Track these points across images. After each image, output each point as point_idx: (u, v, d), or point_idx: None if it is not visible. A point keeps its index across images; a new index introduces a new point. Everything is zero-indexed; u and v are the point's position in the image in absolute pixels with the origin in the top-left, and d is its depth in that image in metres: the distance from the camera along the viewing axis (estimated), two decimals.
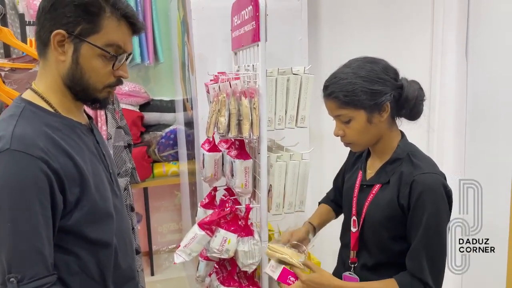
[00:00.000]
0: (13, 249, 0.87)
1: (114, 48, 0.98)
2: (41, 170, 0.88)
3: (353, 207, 1.30)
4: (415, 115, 1.24)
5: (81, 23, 0.94)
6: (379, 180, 1.24)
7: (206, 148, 1.87)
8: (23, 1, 2.76)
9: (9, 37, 2.08)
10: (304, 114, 1.73)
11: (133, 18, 1.00)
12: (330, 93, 1.19)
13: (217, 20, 2.09)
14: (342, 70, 1.22)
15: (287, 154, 1.73)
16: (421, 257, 1.14)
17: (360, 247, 1.28)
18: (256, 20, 1.57)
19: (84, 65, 0.97)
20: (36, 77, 1.03)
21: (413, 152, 1.23)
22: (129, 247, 1.14)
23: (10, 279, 0.86)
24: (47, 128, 0.95)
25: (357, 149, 1.28)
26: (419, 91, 1.21)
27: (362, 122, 1.19)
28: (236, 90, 1.62)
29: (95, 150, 1.08)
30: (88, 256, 1.00)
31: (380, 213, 1.21)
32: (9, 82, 1.93)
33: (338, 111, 1.20)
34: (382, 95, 1.17)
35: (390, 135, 1.25)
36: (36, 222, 0.88)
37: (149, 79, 3.36)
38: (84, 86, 0.99)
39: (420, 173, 1.16)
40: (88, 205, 0.98)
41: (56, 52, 0.96)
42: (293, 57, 2.16)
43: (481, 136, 2.23)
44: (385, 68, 1.20)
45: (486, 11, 2.16)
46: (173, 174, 3.30)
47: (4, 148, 0.87)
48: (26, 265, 0.87)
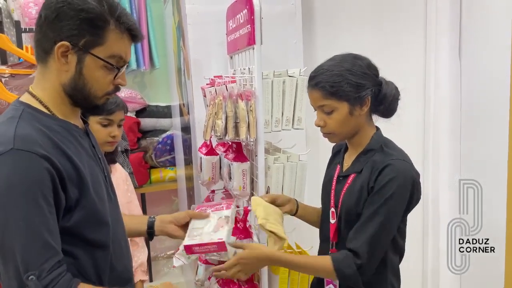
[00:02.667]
0: (28, 247, 0.88)
1: (116, 59, 1.01)
2: (45, 168, 0.90)
3: (331, 199, 1.34)
4: (390, 112, 1.31)
5: (86, 35, 0.96)
6: (354, 169, 1.30)
7: (203, 151, 1.88)
8: (18, 9, 2.77)
9: (7, 44, 2.10)
10: (300, 115, 1.74)
11: (136, 30, 1.03)
12: (317, 83, 1.24)
13: (212, 24, 2.11)
14: (329, 63, 1.27)
15: (284, 156, 1.74)
16: (362, 233, 1.19)
17: (339, 237, 1.32)
18: (251, 24, 1.59)
19: (87, 76, 0.99)
20: (34, 82, 1.04)
21: (386, 143, 1.30)
22: (125, 249, 1.15)
23: (29, 277, 0.88)
24: (46, 129, 0.96)
25: (334, 140, 1.33)
26: (396, 90, 1.29)
27: (344, 114, 1.24)
28: (233, 93, 1.63)
29: (92, 153, 1.09)
30: (85, 257, 1.00)
31: (352, 200, 1.26)
32: (9, 88, 1.94)
33: (322, 101, 1.25)
34: (365, 89, 1.24)
35: (367, 128, 1.31)
36: (45, 218, 0.90)
37: (145, 84, 3.37)
38: (85, 94, 1.01)
39: (391, 159, 1.22)
40: (87, 206, 0.99)
41: (59, 62, 0.97)
42: (288, 60, 2.17)
43: (476, 136, 2.25)
44: (368, 65, 1.27)
45: (478, 11, 2.19)
46: (170, 179, 3.30)
47: (8, 148, 0.88)
48: (42, 260, 0.89)
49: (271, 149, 1.84)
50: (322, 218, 1.43)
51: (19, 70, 2.04)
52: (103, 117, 1.67)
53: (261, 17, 1.58)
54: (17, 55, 2.25)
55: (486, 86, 2.17)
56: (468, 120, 2.30)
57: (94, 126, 1.67)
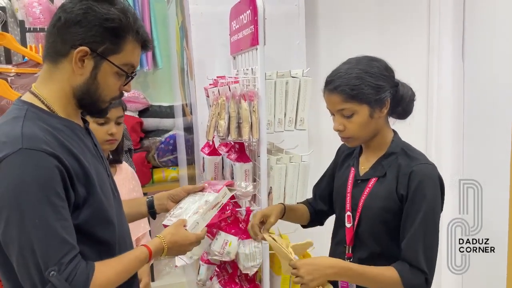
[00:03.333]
0: (46, 244, 0.89)
1: (128, 67, 1.04)
2: (55, 166, 0.91)
3: (347, 203, 1.31)
4: (407, 113, 1.30)
5: (106, 43, 0.98)
6: (375, 173, 1.27)
7: (206, 152, 1.88)
8: (22, 9, 2.78)
9: (12, 43, 2.11)
10: (303, 116, 1.74)
11: (150, 42, 1.08)
12: (336, 87, 1.21)
13: (215, 25, 2.11)
14: (346, 66, 1.25)
15: (286, 156, 1.74)
16: (418, 246, 1.17)
17: (355, 241, 1.30)
18: (254, 24, 1.59)
19: (101, 81, 1.01)
20: (38, 81, 1.04)
21: (407, 146, 1.28)
22: (129, 246, 1.16)
23: (51, 273, 0.89)
24: (51, 129, 0.96)
25: (354, 144, 1.30)
26: (411, 91, 1.28)
27: (364, 117, 1.22)
28: (236, 94, 1.64)
29: (94, 151, 1.09)
30: (92, 255, 1.01)
31: (378, 205, 1.24)
32: (15, 87, 1.94)
33: (342, 105, 1.22)
34: (384, 91, 1.22)
35: (385, 131, 1.29)
36: (60, 215, 0.91)
37: (148, 85, 3.38)
38: (95, 99, 1.03)
39: (418, 163, 1.21)
40: (94, 204, 0.99)
41: (75, 66, 0.99)
42: (291, 61, 2.17)
43: (478, 137, 2.25)
44: (386, 66, 1.25)
45: (481, 13, 2.19)
46: (173, 179, 3.30)
47: (16, 148, 0.89)
48: (60, 255, 0.90)
49: (273, 149, 1.85)
50: (336, 221, 1.40)
51: (24, 69, 2.05)
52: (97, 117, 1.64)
53: (265, 17, 1.59)
54: (22, 54, 2.26)
55: (489, 88, 2.17)
56: (470, 121, 2.30)
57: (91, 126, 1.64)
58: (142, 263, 1.08)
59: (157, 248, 1.12)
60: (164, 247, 1.13)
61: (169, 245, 1.14)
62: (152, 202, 1.40)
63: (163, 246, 1.13)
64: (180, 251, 1.21)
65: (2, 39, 2.15)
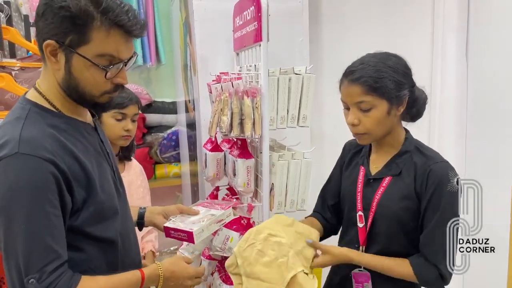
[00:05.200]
0: (29, 250, 0.88)
1: (106, 58, 0.96)
2: (50, 172, 0.90)
3: (358, 202, 1.29)
4: (419, 115, 1.29)
5: (70, 34, 0.93)
6: (390, 172, 1.25)
7: (208, 148, 1.88)
8: (26, 3, 2.78)
9: (16, 37, 2.12)
10: (305, 113, 1.74)
11: (126, 25, 0.94)
12: (359, 78, 1.17)
13: (219, 21, 2.11)
14: (369, 58, 1.21)
15: (289, 153, 1.74)
16: (436, 242, 1.18)
17: (368, 241, 1.28)
18: (258, 21, 1.59)
19: (77, 75, 0.96)
20: (40, 77, 1.04)
21: (420, 145, 1.27)
22: (134, 243, 1.16)
23: (30, 280, 0.88)
24: (52, 129, 0.96)
25: (366, 141, 1.27)
26: (425, 94, 1.27)
27: (383, 112, 1.19)
28: (239, 90, 1.64)
29: (100, 149, 1.09)
30: (97, 253, 1.01)
31: (395, 204, 1.22)
32: (20, 81, 1.95)
33: (362, 97, 1.18)
34: (405, 88, 1.20)
35: (398, 129, 1.27)
36: (49, 222, 0.90)
37: (151, 80, 3.37)
38: (80, 93, 0.98)
39: (435, 162, 1.20)
40: (94, 205, 0.99)
41: (49, 61, 0.96)
42: (294, 58, 2.17)
43: (481, 136, 2.24)
44: (406, 65, 1.23)
45: (486, 11, 2.18)
46: (175, 175, 3.30)
47: (13, 151, 0.89)
48: (43, 264, 0.89)
49: (275, 146, 1.85)
50: (346, 221, 1.37)
51: (28, 63, 2.06)
52: (116, 111, 1.67)
53: (268, 14, 1.58)
54: (26, 48, 2.27)
55: (492, 87, 2.16)
56: (474, 120, 2.29)
57: (108, 121, 1.67)
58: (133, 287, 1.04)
59: (152, 274, 1.07)
60: (160, 275, 1.08)
61: (165, 273, 1.09)
62: (143, 213, 1.37)
63: (158, 273, 1.08)
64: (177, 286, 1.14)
65: (6, 33, 2.16)
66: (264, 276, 1.19)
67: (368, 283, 1.26)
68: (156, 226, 1.39)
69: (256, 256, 1.19)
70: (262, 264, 1.19)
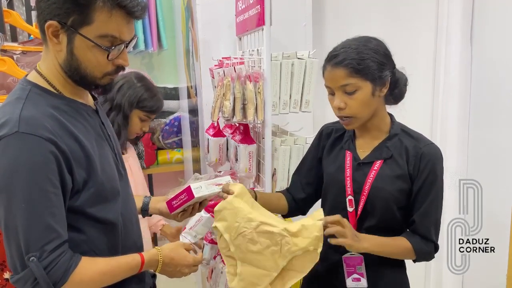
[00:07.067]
0: (30, 229, 0.89)
1: (108, 39, 0.96)
2: (50, 151, 0.90)
3: (348, 187, 1.29)
4: (401, 97, 1.31)
5: (72, 14, 0.92)
6: (381, 155, 1.27)
7: (210, 133, 1.89)
8: None
9: (18, 20, 2.11)
10: (308, 98, 1.74)
11: (128, 6, 0.95)
12: (342, 60, 1.19)
13: (221, 5, 2.09)
14: (350, 42, 1.24)
15: (291, 138, 1.74)
16: (430, 220, 1.25)
17: (359, 224, 1.29)
18: (261, 4, 1.58)
19: (79, 56, 0.96)
20: (41, 59, 1.04)
21: (405, 127, 1.31)
22: (136, 226, 1.16)
23: (30, 258, 0.89)
24: (53, 110, 0.95)
25: (354, 125, 1.27)
26: (405, 76, 1.30)
27: (367, 94, 1.21)
28: (241, 75, 1.63)
29: (101, 131, 1.09)
30: (98, 235, 1.02)
31: (390, 186, 1.24)
32: (21, 65, 1.95)
33: (347, 79, 1.19)
34: (387, 69, 1.22)
35: (383, 113, 1.30)
36: (49, 201, 0.90)
37: (153, 66, 3.36)
38: (82, 75, 0.98)
39: (425, 144, 1.25)
40: (95, 186, 0.99)
41: (51, 42, 0.96)
42: (297, 43, 2.16)
43: (485, 122, 2.23)
44: (386, 46, 1.26)
45: None
46: (177, 161, 3.31)
47: (13, 131, 0.89)
48: (43, 242, 0.90)
49: (278, 131, 1.85)
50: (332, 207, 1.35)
51: (30, 47, 2.05)
52: (147, 114, 1.75)
53: None
54: (28, 32, 2.26)
55: (497, 74, 2.14)
56: (477, 108, 2.28)
57: (134, 118, 1.74)
58: (132, 271, 1.05)
59: (151, 259, 1.08)
60: (160, 260, 1.09)
61: (165, 259, 1.10)
62: (148, 201, 1.39)
63: (158, 258, 1.09)
64: (175, 272, 1.15)
65: (8, 17, 2.15)
66: (258, 263, 1.21)
67: (361, 266, 1.27)
68: (160, 212, 1.40)
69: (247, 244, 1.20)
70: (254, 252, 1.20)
